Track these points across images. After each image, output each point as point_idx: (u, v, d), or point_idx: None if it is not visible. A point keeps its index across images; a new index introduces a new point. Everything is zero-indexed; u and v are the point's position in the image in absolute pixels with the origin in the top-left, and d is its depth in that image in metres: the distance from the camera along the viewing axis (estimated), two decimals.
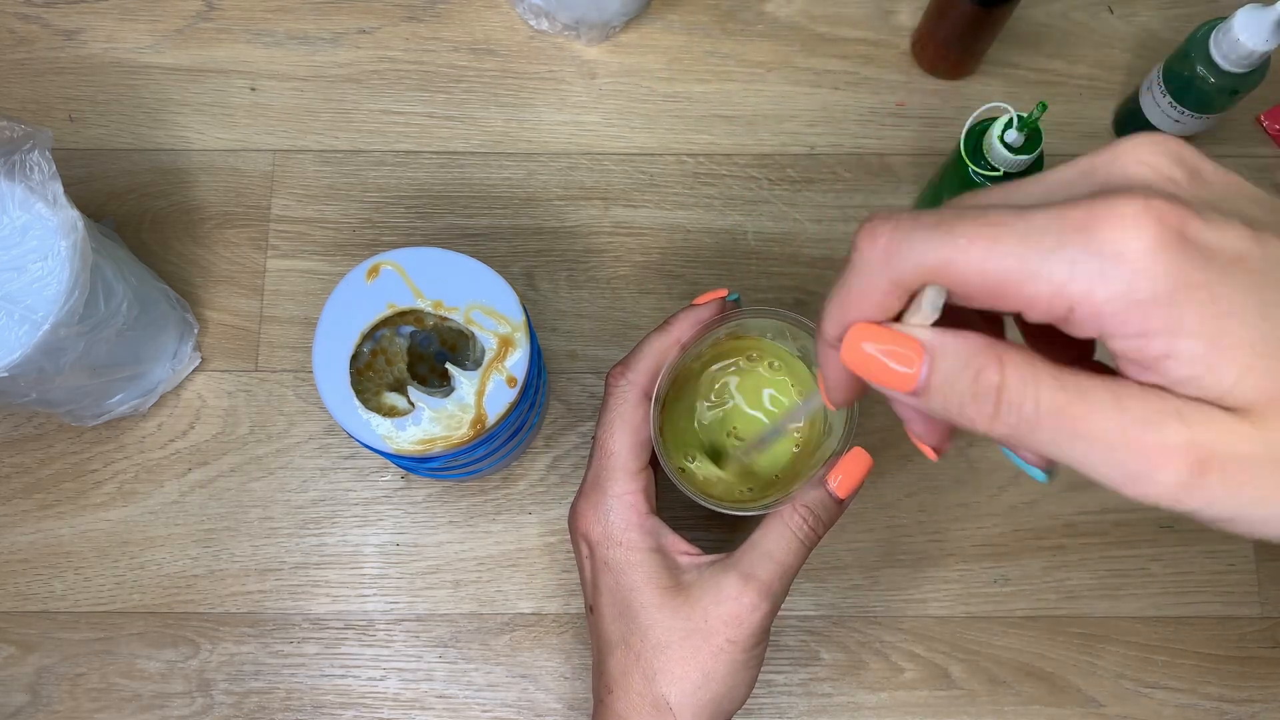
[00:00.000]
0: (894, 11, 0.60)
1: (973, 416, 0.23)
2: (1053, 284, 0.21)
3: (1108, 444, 0.21)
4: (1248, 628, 0.52)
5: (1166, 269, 0.20)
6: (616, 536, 0.39)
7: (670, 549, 0.40)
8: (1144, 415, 0.21)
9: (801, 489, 0.39)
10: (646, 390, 0.41)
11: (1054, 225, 0.21)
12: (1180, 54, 0.51)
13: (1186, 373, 0.20)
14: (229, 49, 0.59)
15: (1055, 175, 0.23)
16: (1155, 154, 0.22)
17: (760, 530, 0.39)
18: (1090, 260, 0.20)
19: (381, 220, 0.56)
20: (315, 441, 0.53)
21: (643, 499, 0.40)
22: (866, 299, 0.24)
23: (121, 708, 0.50)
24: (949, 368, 0.23)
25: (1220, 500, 0.21)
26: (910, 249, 0.22)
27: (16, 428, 0.53)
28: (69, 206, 0.42)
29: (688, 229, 0.56)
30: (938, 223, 0.22)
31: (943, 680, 0.51)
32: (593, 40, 0.59)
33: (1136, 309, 0.20)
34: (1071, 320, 0.21)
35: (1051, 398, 0.21)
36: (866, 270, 0.23)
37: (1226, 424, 0.20)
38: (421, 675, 0.51)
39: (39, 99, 0.58)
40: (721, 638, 0.37)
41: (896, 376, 0.23)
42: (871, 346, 0.23)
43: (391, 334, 0.45)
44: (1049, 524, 0.53)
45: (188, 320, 0.54)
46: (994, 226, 0.21)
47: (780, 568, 0.38)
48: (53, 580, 0.52)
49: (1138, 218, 0.20)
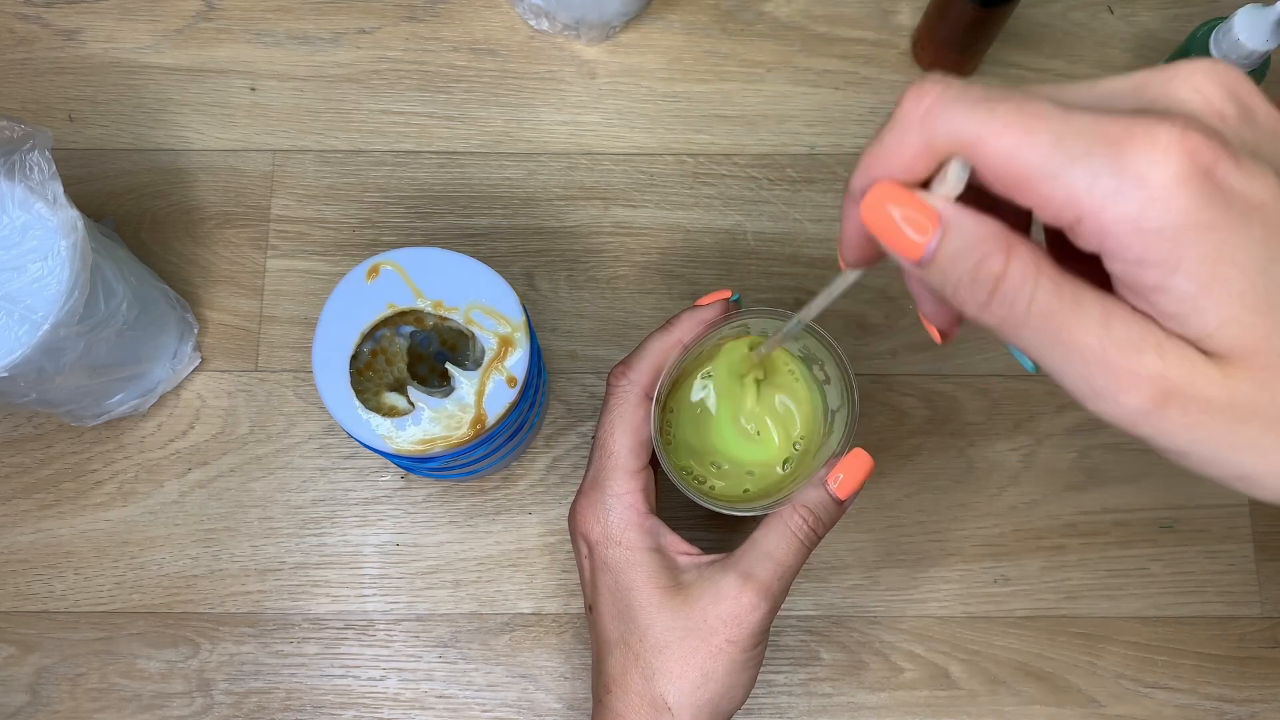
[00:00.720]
0: (894, 11, 0.60)
1: (965, 299, 0.23)
2: (1069, 190, 0.21)
3: (1084, 357, 0.22)
4: (1248, 628, 0.52)
5: (1181, 204, 0.20)
6: (615, 536, 0.39)
7: (669, 549, 0.40)
8: (1126, 339, 0.21)
9: (801, 489, 0.39)
10: (648, 390, 0.41)
11: (1089, 132, 0.21)
12: (1180, 54, 0.51)
13: (1174, 309, 0.21)
14: (229, 49, 0.59)
15: (1110, 83, 0.23)
16: (1211, 83, 0.22)
17: (760, 530, 0.39)
18: (1111, 177, 0.20)
19: (381, 220, 0.56)
20: (315, 441, 0.53)
21: (642, 499, 0.40)
22: (897, 155, 0.24)
23: (121, 708, 0.50)
24: (958, 245, 0.23)
25: (1173, 434, 0.21)
26: (950, 116, 0.22)
27: (16, 428, 0.53)
28: (69, 206, 0.42)
29: (688, 229, 0.56)
30: (983, 98, 0.22)
31: (943, 680, 0.51)
32: (593, 40, 0.59)
33: (1140, 236, 0.20)
34: (1076, 231, 0.21)
35: (1045, 300, 0.22)
36: (904, 126, 0.23)
37: (1199, 366, 0.21)
38: (421, 675, 0.51)
39: (39, 99, 0.58)
40: (720, 638, 0.37)
41: (906, 242, 0.23)
42: (891, 206, 0.23)
43: (391, 334, 0.45)
44: (1049, 524, 0.53)
45: (188, 320, 0.54)
46: (1033, 118, 0.21)
47: (780, 568, 0.38)
48: (53, 580, 0.52)
49: (1169, 146, 0.20)
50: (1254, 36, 0.47)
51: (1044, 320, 0.22)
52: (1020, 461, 0.53)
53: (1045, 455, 0.53)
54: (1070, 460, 0.53)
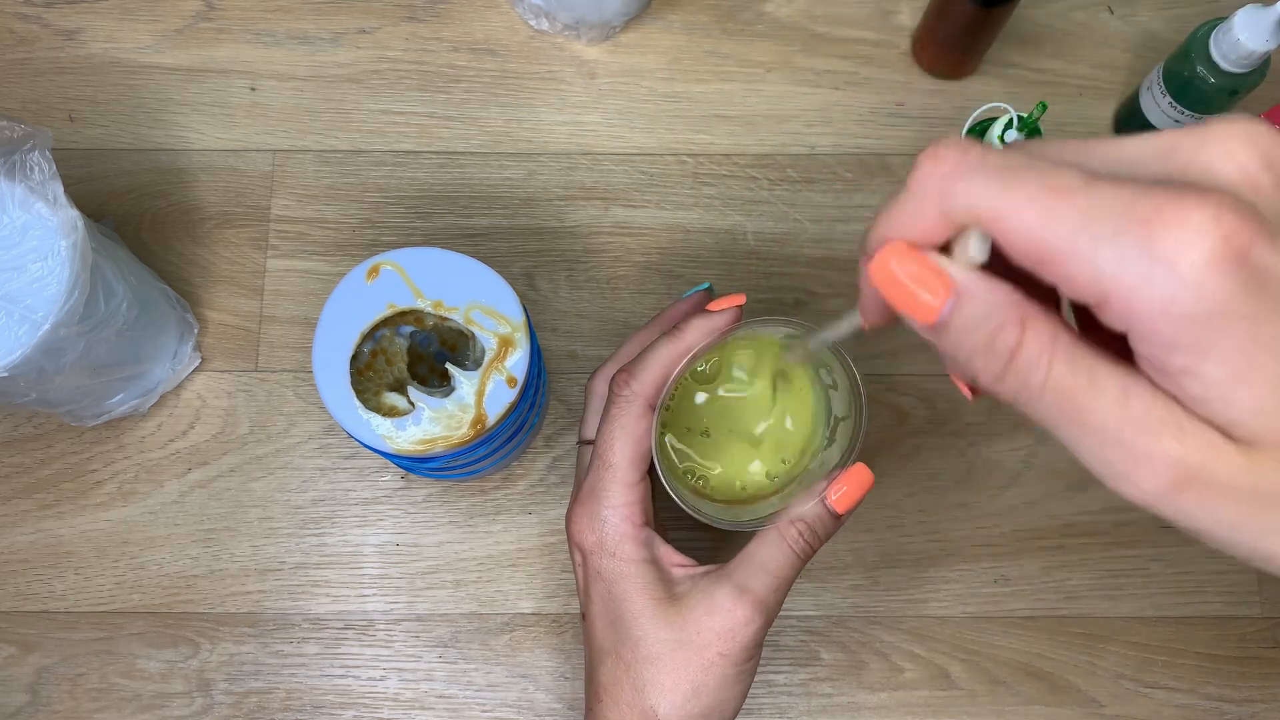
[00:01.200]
0: (894, 11, 0.60)
1: (980, 369, 0.22)
2: (1095, 271, 0.20)
3: (1101, 436, 0.21)
4: (1248, 628, 0.52)
5: (1214, 290, 0.19)
6: (610, 547, 0.39)
7: (664, 560, 0.39)
8: (1145, 420, 0.21)
9: (799, 501, 0.38)
10: (651, 401, 0.39)
11: (1117, 209, 0.20)
12: (1180, 54, 0.51)
13: (1201, 394, 0.20)
14: (229, 49, 0.59)
15: (1138, 145, 0.22)
16: (1245, 150, 0.21)
17: (755, 542, 0.38)
18: (1140, 260, 0.19)
19: (381, 220, 0.56)
20: (315, 441, 0.53)
21: (639, 510, 0.39)
22: (912, 223, 0.23)
23: (121, 708, 0.50)
24: (972, 314, 0.22)
25: (1192, 515, 0.21)
26: (968, 189, 0.22)
27: (16, 428, 0.53)
28: (69, 206, 0.42)
29: (688, 229, 0.56)
30: (1003, 169, 0.21)
31: (943, 680, 0.51)
32: (593, 40, 0.59)
33: (1170, 321, 0.20)
34: (1103, 310, 0.21)
35: (1061, 377, 0.21)
36: (919, 195, 0.23)
37: (1222, 450, 0.20)
38: (421, 675, 0.51)
39: (39, 99, 0.58)
40: (713, 651, 0.37)
41: (919, 304, 0.23)
42: (901, 268, 0.23)
43: (391, 334, 0.45)
44: (1049, 524, 0.53)
45: (188, 320, 0.54)
46: (1057, 193, 0.21)
47: (775, 580, 0.37)
48: (53, 580, 0.52)
49: (1202, 228, 0.19)
50: (1254, 36, 0.47)
51: (1060, 396, 0.21)
52: (1020, 461, 0.53)
53: (1045, 455, 0.53)
54: (1070, 460, 0.53)
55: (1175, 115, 0.53)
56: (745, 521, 0.40)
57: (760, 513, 0.41)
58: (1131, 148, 0.22)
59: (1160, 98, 0.53)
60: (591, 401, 0.43)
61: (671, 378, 0.40)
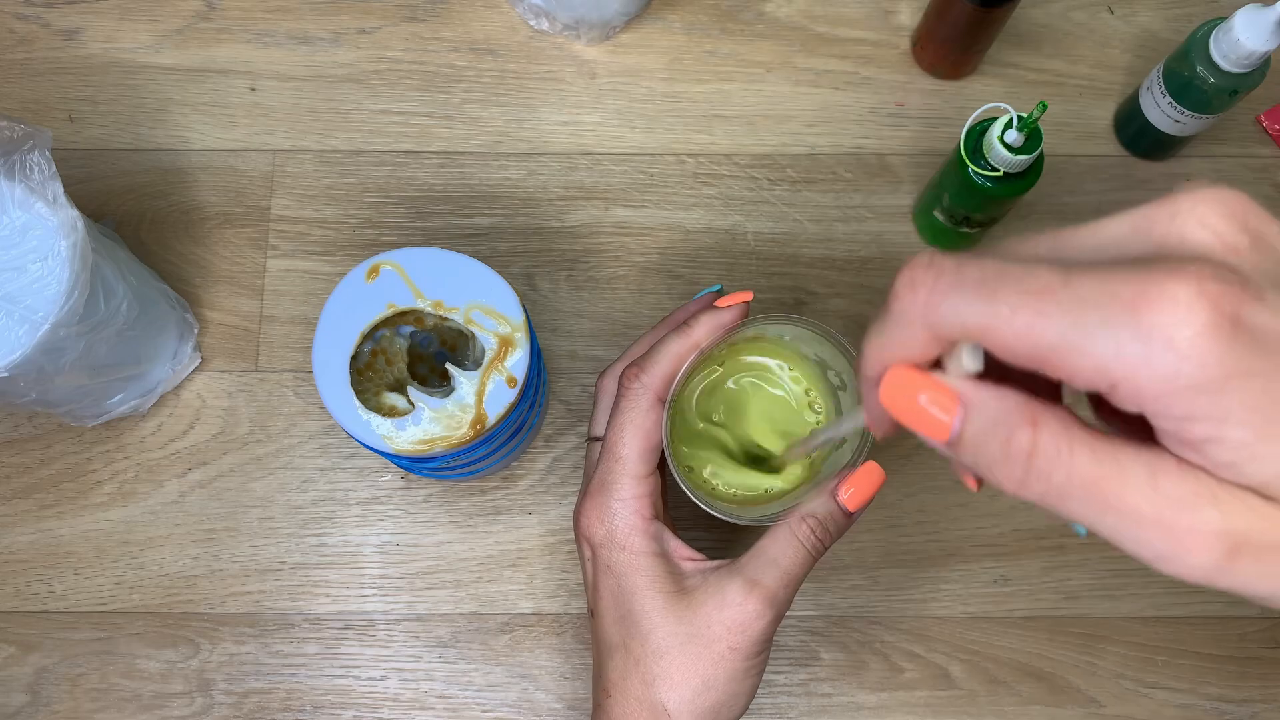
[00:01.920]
0: (894, 11, 0.60)
1: (1001, 478, 0.22)
2: (1097, 360, 0.20)
3: (1139, 521, 0.21)
4: (1248, 628, 0.52)
5: (1216, 357, 0.19)
6: (620, 540, 0.39)
7: (674, 554, 0.39)
8: (1179, 496, 0.20)
9: (811, 498, 0.39)
10: (660, 394, 0.39)
11: (1101, 299, 0.20)
12: (1180, 54, 0.51)
13: (1229, 459, 0.20)
14: (229, 49, 0.59)
15: (1109, 227, 0.22)
16: (1218, 215, 0.21)
17: (767, 537, 0.38)
18: (1136, 343, 0.19)
19: (381, 220, 0.56)
20: (315, 441, 0.53)
21: (648, 504, 0.39)
22: (904, 347, 0.23)
23: (121, 708, 0.50)
24: (982, 424, 0.22)
25: (1253, 583, 0.21)
26: (950, 308, 0.22)
27: (16, 428, 0.53)
28: (69, 206, 0.42)
29: (688, 229, 0.56)
30: (980, 282, 0.21)
31: (943, 680, 0.51)
32: (593, 40, 0.59)
33: (1182, 394, 0.20)
34: (1115, 396, 0.21)
35: (1084, 469, 0.21)
36: (905, 321, 0.23)
37: (1263, 511, 0.20)
38: (421, 675, 0.51)
39: (39, 99, 0.58)
40: (723, 645, 0.37)
41: (931, 424, 0.23)
42: (908, 392, 0.23)
43: (391, 334, 0.45)
44: (1049, 524, 0.53)
45: (188, 320, 0.54)
46: (1038, 296, 0.21)
47: (786, 576, 0.37)
48: (53, 580, 0.52)
49: (1190, 303, 0.19)
50: (1254, 36, 0.47)
51: (1088, 489, 0.21)
52: None
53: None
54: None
55: (1175, 115, 0.53)
56: (756, 518, 0.40)
57: (771, 510, 0.41)
58: (1104, 231, 0.22)
59: (1160, 98, 0.53)
60: (601, 399, 0.43)
61: (681, 372, 0.40)
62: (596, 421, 0.43)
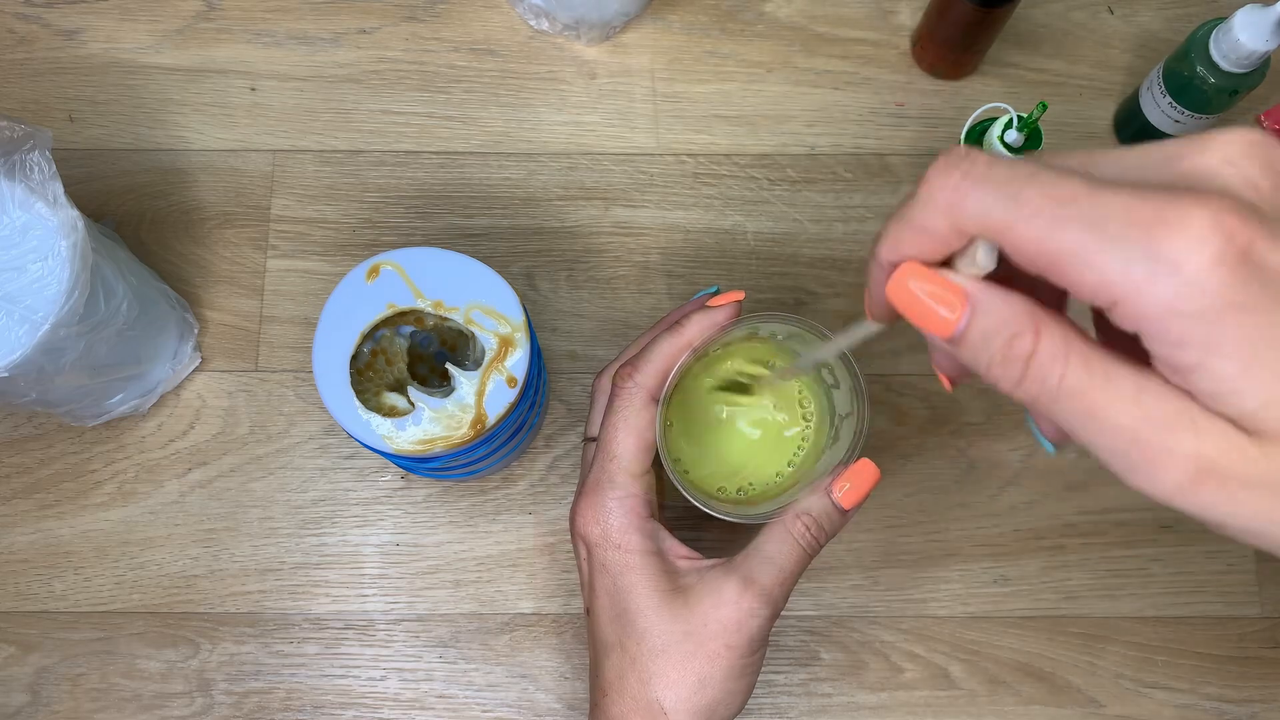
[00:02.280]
0: (894, 11, 0.60)
1: (999, 376, 0.23)
2: (1102, 275, 0.21)
3: (1118, 434, 0.22)
4: (1248, 628, 0.52)
5: (1219, 287, 0.20)
6: (615, 539, 0.39)
7: (670, 553, 0.39)
8: (1160, 416, 0.21)
9: (805, 496, 0.39)
10: (654, 393, 0.40)
11: (1121, 214, 0.20)
12: (1180, 54, 0.51)
13: (1213, 388, 0.21)
14: (229, 49, 0.59)
15: (1140, 153, 0.23)
16: (1245, 156, 0.21)
17: (762, 535, 0.38)
18: (1145, 262, 0.20)
19: (381, 220, 0.56)
20: (315, 441, 0.53)
21: (643, 503, 0.39)
22: (924, 234, 0.24)
23: (122, 708, 0.50)
24: (987, 324, 0.23)
25: (1210, 507, 0.21)
26: (977, 201, 0.22)
27: (16, 428, 0.53)
28: (69, 206, 0.42)
29: (688, 229, 0.56)
30: (1009, 180, 0.22)
31: (943, 680, 0.51)
32: (593, 40, 0.59)
33: (1178, 319, 0.20)
34: (1113, 314, 0.21)
35: (1076, 378, 0.22)
36: (930, 207, 0.23)
37: (1237, 443, 0.21)
38: (421, 675, 0.51)
39: (39, 99, 0.58)
40: (719, 643, 0.37)
41: (936, 320, 0.24)
42: (917, 286, 0.24)
43: (391, 334, 0.45)
44: (1049, 524, 0.53)
45: (188, 320, 0.54)
46: (1061, 202, 0.21)
47: (781, 574, 0.38)
48: (53, 580, 0.52)
49: (1203, 229, 0.20)
50: (1254, 36, 0.47)
51: (1076, 398, 0.22)
52: (1020, 461, 0.53)
53: (1045, 455, 0.53)
54: (1070, 460, 0.53)
55: (1175, 115, 0.53)
56: (751, 515, 0.40)
57: (766, 509, 0.41)
58: (1135, 155, 0.23)
59: (1160, 98, 0.53)
60: (597, 399, 0.43)
61: (674, 370, 0.40)
62: (592, 421, 0.43)
